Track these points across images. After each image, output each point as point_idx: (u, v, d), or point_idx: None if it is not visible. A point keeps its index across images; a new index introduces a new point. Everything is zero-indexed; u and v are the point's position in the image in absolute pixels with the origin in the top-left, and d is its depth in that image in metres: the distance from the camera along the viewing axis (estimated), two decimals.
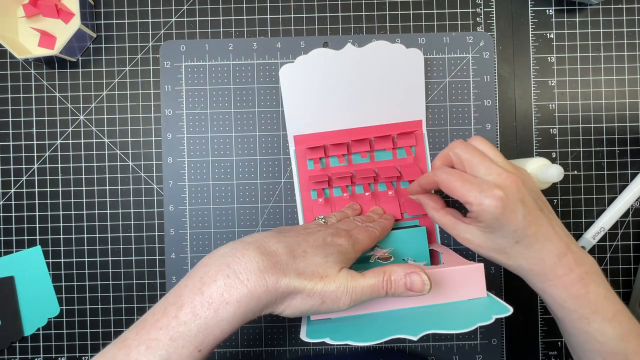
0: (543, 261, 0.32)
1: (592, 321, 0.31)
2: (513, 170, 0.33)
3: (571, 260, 0.31)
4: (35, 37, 0.44)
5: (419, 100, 0.43)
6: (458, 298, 0.33)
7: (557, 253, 0.31)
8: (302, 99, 0.43)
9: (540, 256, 0.32)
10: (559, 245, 0.32)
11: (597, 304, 0.31)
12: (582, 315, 0.31)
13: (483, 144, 0.35)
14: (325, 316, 0.33)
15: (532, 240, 0.32)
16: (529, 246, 0.32)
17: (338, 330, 0.31)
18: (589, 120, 0.45)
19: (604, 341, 0.31)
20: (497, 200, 0.30)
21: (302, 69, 0.42)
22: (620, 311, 0.31)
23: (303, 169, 0.43)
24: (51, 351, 0.44)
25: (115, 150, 0.45)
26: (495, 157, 0.34)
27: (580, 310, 0.31)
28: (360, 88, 0.43)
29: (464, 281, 0.33)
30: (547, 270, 0.32)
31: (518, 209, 0.31)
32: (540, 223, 0.32)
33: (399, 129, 0.43)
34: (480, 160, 0.33)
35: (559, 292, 0.32)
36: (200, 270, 0.28)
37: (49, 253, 0.45)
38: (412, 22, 0.45)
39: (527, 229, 0.31)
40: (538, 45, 0.45)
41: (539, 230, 0.32)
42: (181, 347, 0.26)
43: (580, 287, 0.31)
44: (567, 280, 0.31)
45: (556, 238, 0.32)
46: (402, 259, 0.40)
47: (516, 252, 0.32)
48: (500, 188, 0.31)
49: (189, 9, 0.45)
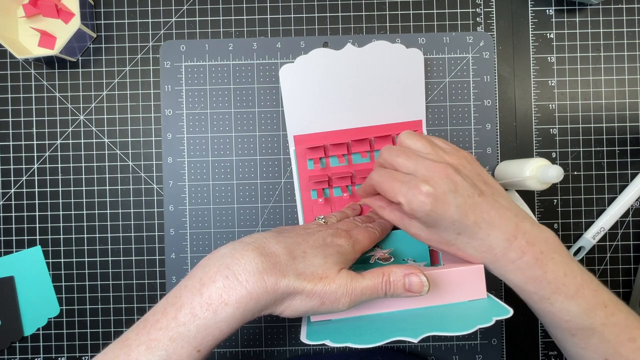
0: (492, 248, 0.31)
1: (554, 301, 0.30)
2: (444, 158, 0.32)
3: (523, 243, 0.30)
4: (35, 37, 0.44)
5: (419, 100, 0.43)
6: (458, 299, 0.33)
7: (505, 237, 0.30)
8: (302, 99, 0.43)
9: (487, 243, 0.31)
10: (506, 230, 0.30)
11: (557, 283, 0.30)
12: (543, 296, 0.31)
13: (410, 138, 0.34)
14: (325, 317, 0.33)
15: (474, 229, 0.30)
16: (473, 235, 0.31)
17: (338, 332, 0.31)
18: (589, 120, 0.45)
19: (570, 319, 0.30)
20: (424, 196, 0.30)
21: (302, 69, 0.42)
22: (582, 285, 0.30)
23: (303, 169, 0.43)
24: (51, 351, 0.44)
25: (115, 150, 0.45)
26: (424, 148, 0.33)
27: (540, 291, 0.30)
28: (360, 88, 0.43)
29: (463, 282, 0.33)
30: (498, 257, 0.31)
31: (450, 200, 0.30)
32: (480, 209, 0.30)
33: (399, 129, 0.43)
34: (406, 158, 0.32)
35: (516, 276, 0.31)
36: (199, 271, 0.28)
37: (49, 253, 0.45)
38: (412, 22, 0.45)
39: (464, 219, 0.30)
40: (538, 45, 0.45)
41: (480, 217, 0.30)
42: (180, 347, 0.26)
43: (537, 269, 0.30)
44: (521, 263, 0.30)
45: (502, 222, 0.30)
46: (402, 259, 0.40)
47: (462, 244, 0.32)
48: (428, 182, 0.30)
49: (189, 9, 0.45)
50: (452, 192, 0.30)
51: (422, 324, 0.30)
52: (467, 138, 0.45)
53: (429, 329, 0.29)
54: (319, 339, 0.30)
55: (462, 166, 0.32)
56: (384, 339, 0.29)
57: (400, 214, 0.35)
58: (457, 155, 0.33)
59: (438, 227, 0.31)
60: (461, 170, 0.32)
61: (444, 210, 0.30)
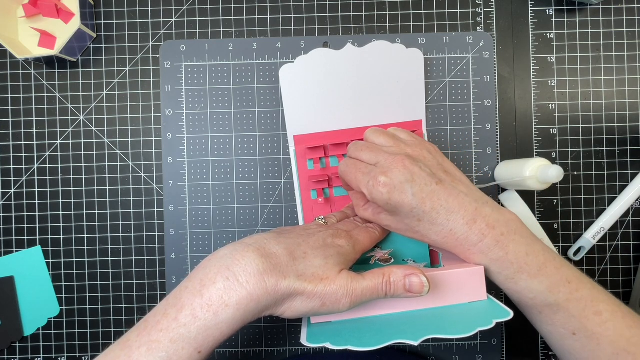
0: (453, 232, 0.32)
1: (518, 280, 0.31)
2: (405, 150, 0.34)
3: (483, 226, 0.31)
4: (35, 37, 0.44)
5: (419, 100, 0.43)
6: (458, 301, 0.33)
7: (465, 222, 0.31)
8: (302, 99, 0.43)
9: (448, 228, 0.32)
10: (465, 214, 0.31)
11: (520, 263, 0.31)
12: (507, 276, 0.32)
13: (374, 134, 0.37)
14: (325, 318, 0.33)
15: (433, 215, 0.32)
16: (433, 222, 0.32)
17: (338, 334, 0.31)
18: (589, 120, 0.45)
19: (534, 296, 0.31)
20: (382, 186, 0.32)
21: (302, 69, 0.42)
22: (545, 264, 0.31)
23: (303, 169, 0.43)
24: (51, 351, 0.44)
25: (115, 150, 0.45)
26: (386, 142, 0.36)
27: (504, 272, 0.32)
28: (360, 88, 0.43)
29: (464, 284, 0.33)
30: (460, 241, 0.32)
31: (406, 189, 0.31)
32: (437, 197, 0.32)
33: None
34: (369, 151, 0.35)
35: (479, 258, 0.32)
36: (200, 272, 0.28)
37: (49, 253, 0.45)
38: (412, 22, 0.45)
39: (422, 205, 0.31)
40: (538, 45, 0.45)
41: (437, 203, 0.31)
42: (181, 348, 0.26)
43: (498, 250, 0.31)
44: (483, 246, 0.31)
45: (460, 207, 0.32)
46: (402, 259, 0.40)
47: (425, 230, 0.33)
48: (385, 174, 0.32)
49: (189, 9, 0.45)
50: (408, 181, 0.31)
51: (422, 326, 0.30)
52: (467, 138, 0.44)
53: (430, 332, 0.29)
54: (319, 342, 0.30)
55: (423, 157, 0.34)
56: (384, 341, 0.29)
57: (372, 209, 0.36)
58: (419, 147, 0.35)
59: (400, 215, 0.33)
60: (420, 161, 0.33)
61: (401, 199, 0.31)
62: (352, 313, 0.33)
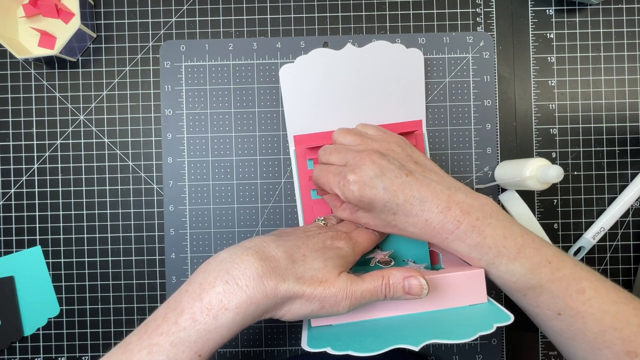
0: (428, 222, 0.32)
1: (498, 265, 0.31)
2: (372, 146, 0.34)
3: (457, 212, 0.31)
4: (35, 37, 0.44)
5: (419, 100, 0.43)
6: (459, 303, 0.33)
7: (439, 210, 0.31)
8: (302, 99, 0.43)
9: (423, 218, 0.32)
10: (438, 203, 0.31)
11: (498, 247, 0.31)
12: (488, 261, 0.31)
13: (341, 135, 0.37)
14: (326, 322, 0.33)
15: (407, 207, 0.31)
16: (408, 213, 0.32)
17: (339, 338, 0.30)
18: (589, 120, 0.45)
19: (516, 280, 0.31)
20: (352, 184, 0.32)
21: (302, 69, 0.42)
22: (524, 245, 0.31)
23: (303, 169, 0.43)
24: (51, 351, 0.44)
25: (115, 150, 0.45)
26: (353, 140, 0.36)
27: (484, 257, 0.31)
28: (360, 88, 0.43)
29: (464, 287, 0.33)
30: (437, 230, 0.32)
31: (376, 184, 0.31)
32: (409, 188, 0.31)
33: (398, 129, 0.43)
34: (337, 153, 0.35)
35: (458, 246, 0.32)
36: (199, 276, 0.28)
37: (49, 253, 0.45)
38: (412, 22, 0.45)
39: (395, 198, 0.31)
40: (538, 45, 0.45)
41: (410, 194, 0.31)
42: (181, 352, 0.26)
43: (475, 236, 0.31)
44: (459, 233, 0.31)
45: (433, 196, 0.31)
46: (403, 260, 0.40)
47: (401, 222, 0.32)
48: (354, 171, 0.32)
49: (189, 9, 0.45)
50: (377, 176, 0.31)
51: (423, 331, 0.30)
52: (467, 138, 0.45)
53: (430, 337, 0.29)
54: (320, 347, 0.29)
55: (391, 150, 0.35)
56: (385, 346, 0.29)
57: (348, 209, 0.36)
58: (387, 141, 0.35)
59: (375, 211, 0.33)
60: (388, 155, 0.33)
61: (372, 194, 0.31)
62: (352, 316, 0.33)
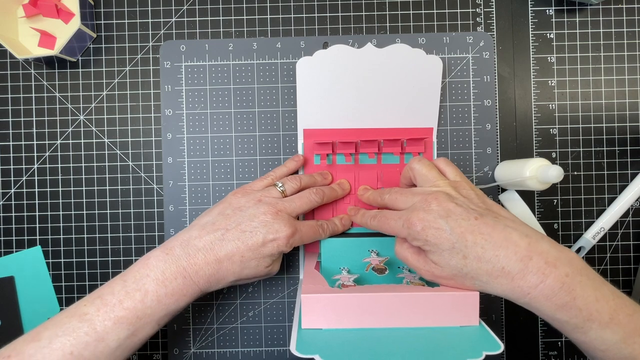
0: (506, 271, 0.29)
1: (587, 330, 0.28)
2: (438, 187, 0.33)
3: (541, 263, 0.28)
4: (35, 37, 0.44)
5: (433, 108, 0.43)
6: (450, 323, 0.32)
7: (517, 258, 0.28)
8: (316, 94, 0.42)
9: (499, 266, 0.29)
10: (516, 250, 0.29)
11: (589, 310, 0.28)
12: (576, 325, 0.28)
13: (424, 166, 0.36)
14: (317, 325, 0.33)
15: (477, 250, 0.29)
16: (479, 257, 0.29)
17: (328, 347, 0.30)
18: (589, 120, 0.45)
19: (606, 348, 0.28)
20: (415, 225, 0.31)
21: (319, 64, 0.42)
22: (617, 310, 0.28)
23: (309, 164, 0.43)
24: None
25: (115, 150, 0.45)
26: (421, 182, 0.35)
27: (572, 320, 0.28)
28: (375, 89, 0.42)
29: (458, 307, 0.32)
30: (517, 281, 0.29)
31: (442, 225, 0.30)
32: (479, 230, 0.29)
33: (409, 135, 0.43)
34: (399, 196, 0.35)
35: (542, 304, 0.28)
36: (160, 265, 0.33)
37: (49, 253, 0.45)
38: (412, 22, 0.45)
39: (463, 239, 0.29)
40: (538, 45, 0.45)
41: (479, 237, 0.29)
42: (146, 324, 0.32)
43: (564, 295, 0.28)
44: (545, 288, 0.28)
45: (508, 242, 0.29)
46: (398, 267, 0.40)
47: (474, 270, 0.30)
48: (417, 212, 0.31)
49: (189, 9, 0.45)
50: (443, 217, 0.30)
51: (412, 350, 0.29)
52: (467, 138, 0.44)
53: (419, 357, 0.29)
54: (309, 353, 0.29)
55: (450, 195, 0.32)
56: None
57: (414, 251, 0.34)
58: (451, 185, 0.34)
59: (443, 255, 0.31)
60: (456, 198, 0.32)
61: (439, 235, 0.30)
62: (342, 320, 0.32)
